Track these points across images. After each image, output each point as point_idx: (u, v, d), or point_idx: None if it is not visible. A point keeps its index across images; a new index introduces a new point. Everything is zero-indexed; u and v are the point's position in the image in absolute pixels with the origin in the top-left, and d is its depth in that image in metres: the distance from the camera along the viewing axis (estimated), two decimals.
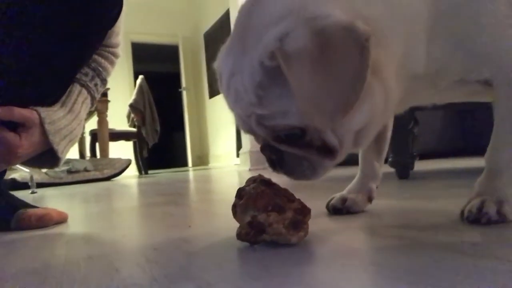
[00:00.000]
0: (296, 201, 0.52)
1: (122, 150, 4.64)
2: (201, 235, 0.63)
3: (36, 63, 0.73)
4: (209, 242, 0.57)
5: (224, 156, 5.86)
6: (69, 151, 0.83)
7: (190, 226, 0.72)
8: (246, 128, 0.53)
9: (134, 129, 4.30)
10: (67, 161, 3.12)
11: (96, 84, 0.88)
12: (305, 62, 0.43)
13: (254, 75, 0.46)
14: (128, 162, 3.62)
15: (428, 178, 1.34)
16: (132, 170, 4.62)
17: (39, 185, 2.68)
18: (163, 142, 5.43)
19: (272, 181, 0.54)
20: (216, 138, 6.23)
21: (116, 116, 4.50)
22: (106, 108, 3.73)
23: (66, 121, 0.80)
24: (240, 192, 0.54)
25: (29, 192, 2.15)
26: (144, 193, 1.71)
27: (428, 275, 0.34)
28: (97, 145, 3.86)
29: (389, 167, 1.36)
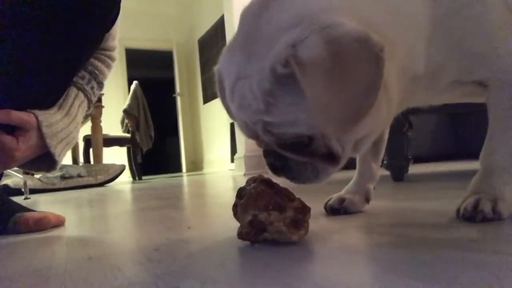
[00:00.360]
0: (296, 200, 0.53)
1: (116, 156, 4.62)
2: (201, 236, 0.63)
3: (33, 66, 0.73)
4: (210, 242, 0.57)
5: (218, 162, 5.86)
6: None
7: (190, 228, 0.72)
8: (250, 134, 0.53)
9: (128, 135, 4.29)
10: (61, 167, 3.10)
11: (93, 87, 0.88)
12: (320, 71, 0.43)
13: (264, 82, 0.46)
14: (122, 168, 3.60)
15: (423, 181, 1.35)
16: (126, 176, 4.59)
17: (32, 191, 2.65)
18: (157, 148, 5.42)
19: (272, 181, 0.55)
20: (210, 144, 6.23)
21: (110, 122, 4.48)
22: (100, 114, 3.71)
23: (63, 124, 0.80)
24: (241, 192, 0.54)
25: (22, 198, 2.13)
26: (140, 198, 1.71)
27: (428, 269, 0.35)
28: (91, 151, 3.83)
29: (385, 170, 1.37)
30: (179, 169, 6.69)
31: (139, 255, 0.53)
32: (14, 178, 2.66)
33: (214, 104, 5.75)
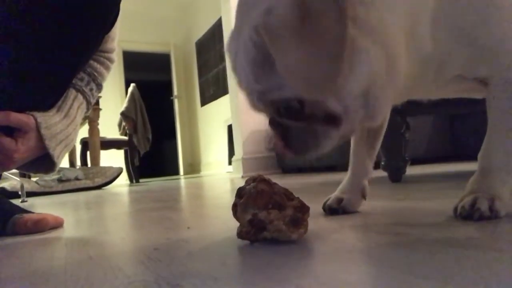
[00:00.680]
0: (296, 199, 0.53)
1: (113, 159, 4.61)
2: (201, 236, 0.63)
3: (33, 68, 0.74)
4: (210, 242, 0.57)
5: (216, 164, 5.85)
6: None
7: (189, 228, 0.73)
8: (252, 105, 0.54)
9: (126, 138, 4.28)
10: (58, 170, 3.08)
11: (92, 89, 0.88)
12: (287, 35, 0.43)
13: (248, 52, 0.47)
14: (120, 171, 3.59)
15: (420, 182, 1.36)
16: (123, 179, 4.58)
17: (29, 194, 2.64)
18: (155, 150, 5.41)
19: (272, 181, 0.55)
20: (208, 146, 6.23)
21: (107, 125, 4.48)
22: (98, 116, 3.71)
23: (62, 126, 0.80)
24: (240, 192, 0.55)
25: (19, 201, 2.12)
26: (138, 200, 1.70)
27: (426, 267, 0.36)
28: (88, 154, 3.82)
29: (382, 171, 1.38)
30: (177, 172, 6.68)
31: (139, 255, 0.53)
32: (11, 181, 2.66)
33: (212, 107, 5.76)
